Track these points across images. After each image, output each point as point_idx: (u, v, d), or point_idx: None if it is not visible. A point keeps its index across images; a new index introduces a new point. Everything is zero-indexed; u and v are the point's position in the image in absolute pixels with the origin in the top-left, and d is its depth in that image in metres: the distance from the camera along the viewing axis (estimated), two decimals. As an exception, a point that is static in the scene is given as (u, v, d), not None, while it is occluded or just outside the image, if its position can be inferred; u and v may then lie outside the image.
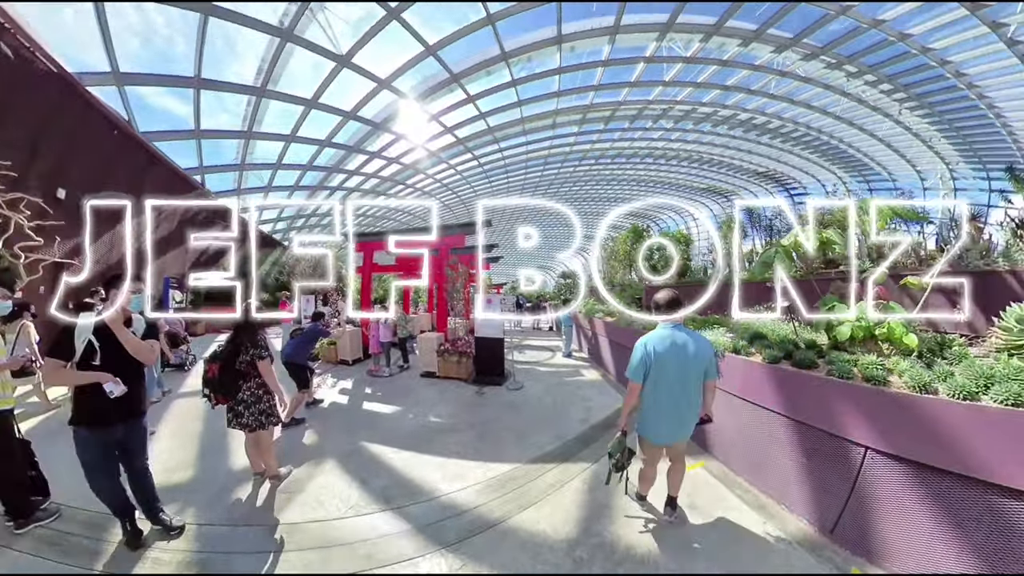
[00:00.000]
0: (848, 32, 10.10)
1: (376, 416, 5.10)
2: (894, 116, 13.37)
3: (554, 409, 5.37)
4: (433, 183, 19.42)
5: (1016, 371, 2.23)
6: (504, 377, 6.80)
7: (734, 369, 3.54)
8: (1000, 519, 1.99)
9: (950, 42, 10.16)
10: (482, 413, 5.16)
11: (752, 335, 3.79)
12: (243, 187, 13.87)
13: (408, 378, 7.08)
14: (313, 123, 11.78)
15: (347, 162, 14.66)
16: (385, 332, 7.36)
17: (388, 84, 10.37)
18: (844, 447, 2.58)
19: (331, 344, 8.16)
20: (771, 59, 11.51)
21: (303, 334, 5.04)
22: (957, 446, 2.10)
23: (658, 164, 20.61)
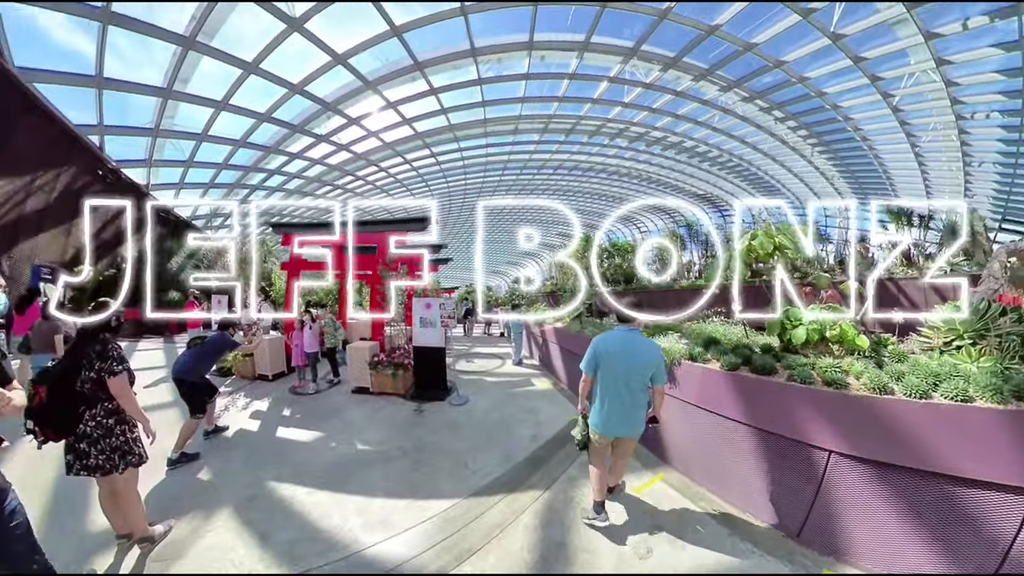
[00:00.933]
0: (780, 83, 11.48)
1: (290, 446, 4.35)
2: (807, 156, 15.53)
3: (501, 426, 4.92)
4: (386, 177, 18.27)
5: (953, 368, 2.51)
6: (447, 391, 6.18)
7: (691, 377, 3.50)
8: (954, 507, 2.18)
9: (853, 103, 12.05)
10: (419, 435, 4.58)
11: (706, 340, 3.78)
12: (156, 158, 11.75)
13: (337, 395, 6.27)
14: (252, 93, 10.28)
15: (288, 143, 13.13)
16: (311, 341, 6.36)
17: (344, 60, 9.42)
18: (807, 452, 2.66)
19: (246, 356, 6.93)
20: (716, 96, 12.65)
21: (204, 345, 4.17)
22: (914, 443, 2.25)
23: (611, 179, 21.63)
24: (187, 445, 3.85)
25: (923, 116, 12.05)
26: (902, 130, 12.60)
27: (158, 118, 10.02)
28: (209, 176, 13.58)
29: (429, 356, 6.13)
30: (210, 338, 4.29)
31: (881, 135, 13.59)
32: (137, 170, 11.86)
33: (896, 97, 11.22)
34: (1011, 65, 9.31)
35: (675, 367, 3.63)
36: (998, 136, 12.14)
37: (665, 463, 3.84)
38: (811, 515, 2.67)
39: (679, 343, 3.82)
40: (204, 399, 4.07)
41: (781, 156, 16.31)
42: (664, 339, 3.92)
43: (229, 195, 15.14)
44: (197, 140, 11.48)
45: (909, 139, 13.03)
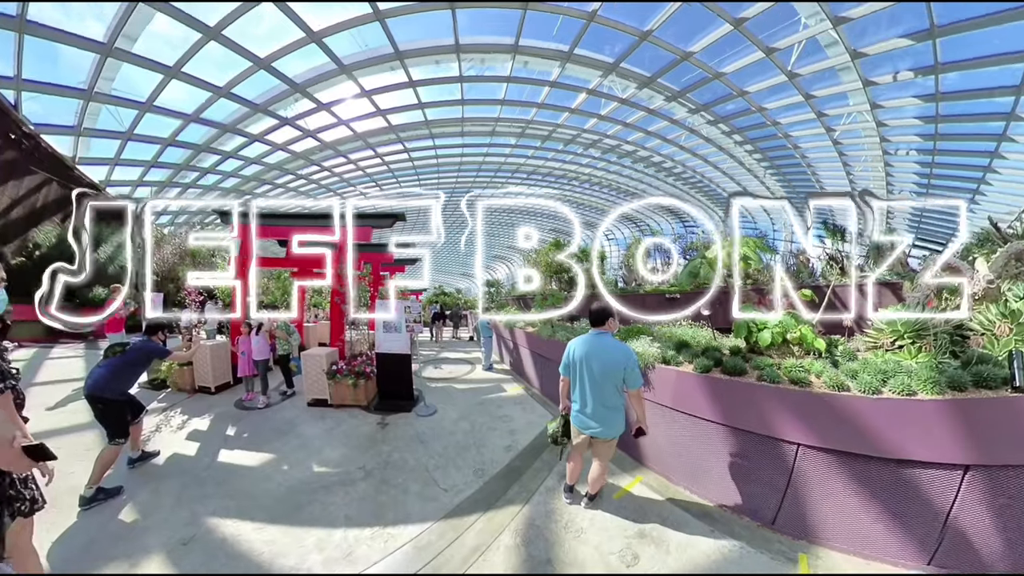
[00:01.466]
0: (741, 111, 12.44)
1: (236, 471, 3.74)
2: (760, 177, 16.99)
3: (473, 436, 4.65)
4: (354, 170, 17.42)
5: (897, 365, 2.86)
6: (414, 401, 5.79)
7: (665, 380, 3.60)
8: (904, 486, 2.51)
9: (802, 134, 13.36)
10: (384, 452, 4.21)
11: (677, 344, 3.92)
12: (88, 126, 10.29)
13: (291, 409, 5.66)
14: (210, 62, 9.30)
15: (248, 123, 12.09)
16: (260, 348, 5.70)
17: (319, 39, 8.82)
18: (778, 446, 2.90)
19: (184, 366, 6.09)
20: (685, 117, 13.45)
21: (125, 354, 3.49)
22: (870, 433, 2.55)
23: (583, 187, 22.21)
24: (105, 478, 3.21)
25: (857, 149, 13.64)
26: (839, 159, 14.17)
27: (94, 78, 8.71)
28: (152, 153, 12.12)
29: (394, 364, 5.65)
30: (133, 345, 3.54)
31: (822, 163, 15.22)
32: (63, 138, 10.27)
33: (836, 132, 12.60)
34: (927, 113, 10.82)
35: (649, 371, 3.71)
36: (914, 170, 14.06)
37: (643, 465, 3.93)
38: (783, 504, 2.91)
39: (652, 347, 3.87)
40: (126, 420, 3.43)
41: (738, 176, 17.71)
42: (636, 343, 3.97)
43: (175, 176, 13.65)
44: (140, 110, 10.18)
45: (845, 168, 14.71)
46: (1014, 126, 10.31)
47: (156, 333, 3.77)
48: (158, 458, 3.95)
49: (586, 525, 2.96)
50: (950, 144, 12.01)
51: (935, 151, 12.38)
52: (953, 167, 13.14)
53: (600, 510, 3.15)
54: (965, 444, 2.37)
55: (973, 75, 9.17)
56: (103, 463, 3.15)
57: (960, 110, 10.43)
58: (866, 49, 8.93)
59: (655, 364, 3.69)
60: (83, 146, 11.00)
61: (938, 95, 9.84)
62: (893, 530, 2.56)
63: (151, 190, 13.96)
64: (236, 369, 6.17)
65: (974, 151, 12.12)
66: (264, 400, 5.66)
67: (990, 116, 10.40)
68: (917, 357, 3.25)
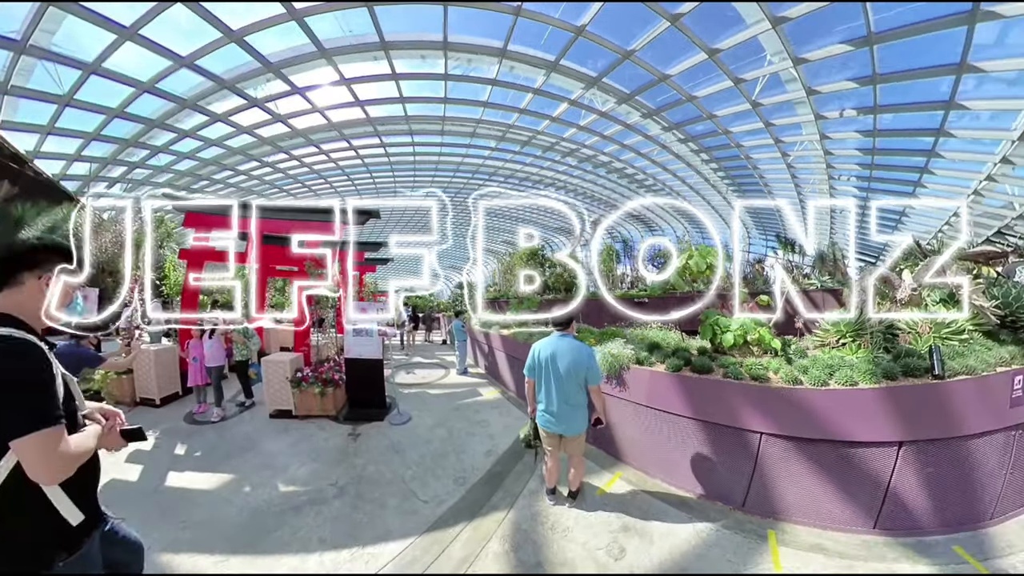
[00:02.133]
0: (710, 132, 13.35)
1: (189, 497, 3.37)
2: (723, 192, 18.30)
3: (451, 443, 4.53)
4: (325, 161, 16.65)
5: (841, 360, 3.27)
6: (386, 408, 5.49)
7: (640, 380, 3.83)
8: (851, 463, 2.89)
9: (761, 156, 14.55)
10: (357, 465, 3.96)
11: (650, 345, 4.15)
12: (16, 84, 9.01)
13: (251, 421, 5.19)
14: (173, 27, 8.44)
15: (212, 100, 11.21)
16: (214, 354, 5.18)
17: (300, 17, 8.39)
18: (743, 436, 3.20)
19: (122, 375, 5.49)
20: (658, 134, 14.19)
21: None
22: (820, 420, 2.91)
23: (558, 194, 22.68)
24: None
25: (807, 173, 15.07)
26: (792, 181, 15.60)
27: (29, 28, 7.64)
28: (94, 124, 10.86)
29: (365, 370, 5.35)
30: (57, 350, 2.92)
31: (777, 183, 16.69)
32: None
33: (791, 156, 13.86)
34: (865, 146, 12.20)
35: (624, 371, 3.92)
36: (853, 194, 15.78)
37: (621, 461, 4.09)
38: (751, 487, 3.20)
39: (625, 348, 4.02)
40: None
41: (703, 191, 18.93)
42: (611, 344, 4.13)
43: (119, 153, 12.34)
44: (84, 71, 9.07)
45: (796, 189, 16.20)
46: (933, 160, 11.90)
47: (86, 335, 3.34)
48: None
49: (572, 524, 3.02)
50: (884, 172, 13.65)
51: (871, 178, 14.01)
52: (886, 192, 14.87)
53: (584, 509, 3.23)
54: (898, 424, 2.79)
55: (904, 117, 10.50)
56: None
57: (892, 144, 11.88)
58: (820, 87, 9.94)
59: (629, 365, 3.88)
60: (9, 107, 9.65)
61: (875, 131, 11.13)
62: (844, 501, 2.91)
63: (90, 167, 12.50)
64: (186, 377, 5.47)
65: (903, 180, 13.82)
66: (219, 412, 5.14)
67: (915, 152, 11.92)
68: (857, 353, 3.66)
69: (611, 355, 3.93)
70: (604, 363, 3.90)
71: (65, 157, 11.78)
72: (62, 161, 11.84)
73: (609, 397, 3.97)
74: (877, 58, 8.46)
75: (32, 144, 10.78)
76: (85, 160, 12.18)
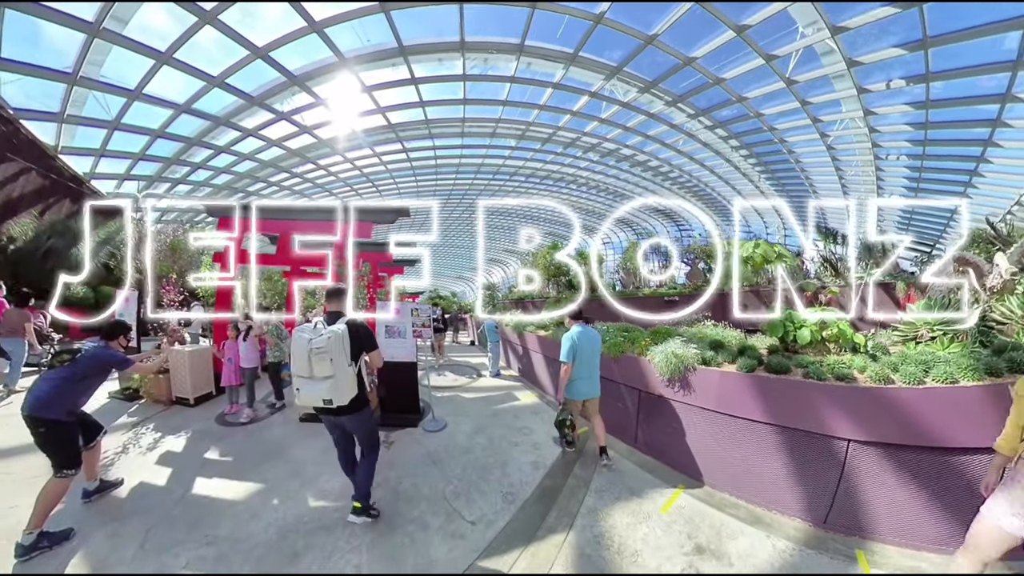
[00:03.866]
0: (739, 116, 12.69)
1: (214, 507, 3.12)
2: (755, 182, 17.35)
3: (493, 453, 4.15)
4: (350, 168, 17.14)
5: (933, 356, 2.88)
6: (420, 414, 5.23)
7: (708, 382, 3.46)
8: (951, 474, 2.48)
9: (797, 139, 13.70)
10: (391, 479, 3.57)
11: (712, 343, 3.87)
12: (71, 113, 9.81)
13: (281, 425, 4.98)
14: (203, 49, 8.96)
15: (243, 117, 11.77)
16: (248, 355, 5.13)
17: (320, 28, 8.63)
18: (828, 443, 2.84)
19: (160, 374, 5.43)
20: (684, 122, 13.66)
21: (74, 364, 2.87)
22: (916, 423, 2.53)
23: (580, 191, 22.34)
24: (51, 519, 2.67)
25: (849, 154, 14.04)
26: (832, 164, 14.57)
27: (80, 62, 8.28)
28: (140, 145, 11.66)
29: (398, 373, 5.03)
30: (84, 353, 2.92)
31: (816, 167, 15.63)
32: (45, 124, 9.77)
33: (830, 137, 12.94)
34: (917, 120, 11.20)
35: (689, 373, 3.58)
36: (903, 174, 14.55)
37: (682, 473, 3.69)
38: (835, 502, 2.84)
39: (688, 347, 3.73)
40: (77, 446, 2.87)
41: (733, 180, 18.05)
42: (671, 344, 3.86)
43: (164, 171, 13.17)
44: (128, 97, 9.76)
45: (837, 171, 15.13)
46: (1000, 131, 10.75)
47: (115, 338, 3.17)
48: (120, 489, 3.31)
49: (640, 547, 2.75)
50: (939, 149, 12.46)
51: (924, 156, 12.83)
52: (941, 171, 13.62)
53: (650, 527, 2.96)
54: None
55: (961, 84, 9.54)
56: (47, 501, 2.62)
57: (948, 116, 10.82)
58: (861, 58, 9.21)
59: (695, 366, 3.55)
60: (67, 134, 10.51)
61: (928, 102, 10.19)
62: (942, 518, 2.51)
63: (139, 184, 13.43)
64: (219, 378, 5.50)
65: (962, 155, 12.59)
66: (249, 414, 5.02)
67: (977, 122, 10.82)
68: (949, 348, 3.26)
69: (674, 355, 3.64)
70: (666, 364, 3.66)
71: (116, 176, 12.72)
72: (114, 180, 12.78)
73: (670, 402, 3.79)
74: (927, 19, 7.72)
75: (88, 166, 11.70)
76: (134, 178, 13.08)
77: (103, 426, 3.31)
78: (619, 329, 5.15)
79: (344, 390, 2.54)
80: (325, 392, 2.49)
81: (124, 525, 2.87)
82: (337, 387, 2.52)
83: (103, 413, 5.23)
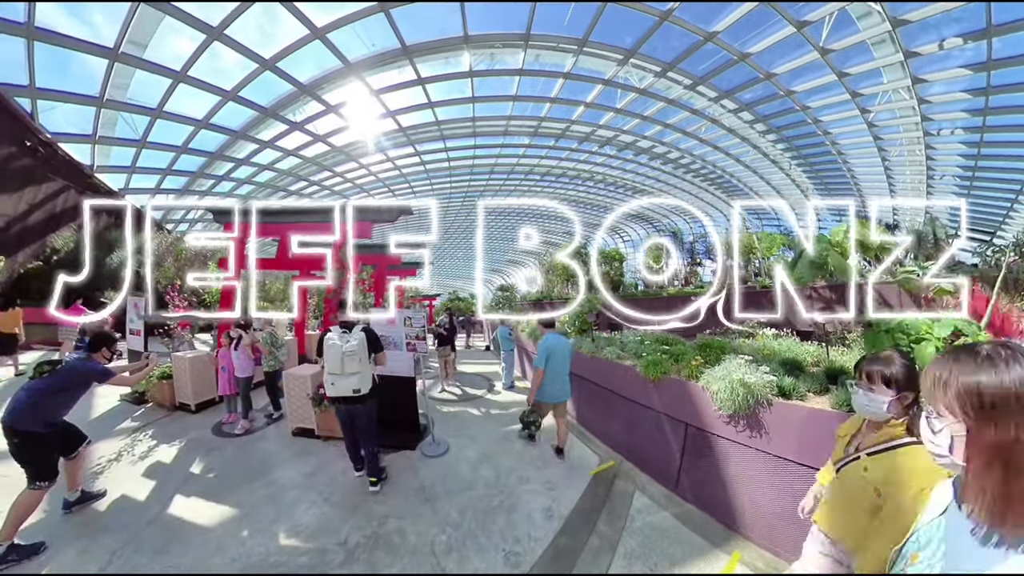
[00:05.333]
0: (767, 96, 11.78)
1: (184, 533, 2.95)
2: (785, 169, 16.13)
3: (498, 492, 3.50)
4: (366, 175, 17.36)
5: None
6: (419, 434, 4.69)
7: (787, 423, 2.63)
8: None
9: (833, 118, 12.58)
10: (375, 516, 3.15)
11: (787, 364, 3.03)
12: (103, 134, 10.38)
13: (272, 439, 4.73)
14: (214, 66, 9.24)
15: (259, 129, 12.07)
16: (242, 364, 4.91)
17: (323, 34, 8.65)
18: None
19: (162, 380, 5.51)
20: (706, 107, 12.86)
21: (56, 374, 2.86)
22: None
23: (598, 188, 21.70)
24: (23, 531, 2.64)
25: (893, 132, 12.73)
26: (874, 144, 13.27)
27: (105, 85, 8.75)
28: (167, 161, 12.19)
29: (394, 389, 4.52)
30: (65, 364, 2.92)
31: (855, 149, 14.31)
32: (81, 146, 10.37)
33: (872, 113, 11.77)
34: (976, 85, 9.94)
35: (761, 409, 2.73)
36: (959, 151, 13.02)
37: (739, 536, 2.99)
38: None
39: (759, 372, 2.83)
40: (52, 459, 2.82)
41: (761, 168, 16.89)
42: (731, 366, 3.01)
43: (191, 184, 13.73)
44: (152, 116, 10.21)
45: (880, 152, 13.76)
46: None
47: (99, 349, 3.09)
48: (101, 501, 3.24)
49: None
50: (1002, 118, 11.04)
51: (984, 127, 11.42)
52: (1006, 144, 12.09)
53: None
54: None
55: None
56: (19, 512, 2.61)
57: (1017, 78, 9.52)
58: (907, 15, 8.25)
59: (770, 399, 2.73)
60: (101, 154, 11.11)
61: (990, 62, 9.01)
62: None
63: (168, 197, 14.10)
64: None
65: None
66: (244, 425, 4.87)
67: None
68: None
69: (742, 386, 2.80)
70: (730, 396, 2.86)
71: (148, 191, 13.39)
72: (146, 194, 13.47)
73: (730, 443, 3.03)
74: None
75: (122, 182, 12.35)
76: (165, 191, 13.73)
77: (87, 436, 3.24)
78: (656, 342, 4.47)
79: (367, 382, 3.35)
80: (355, 384, 3.27)
81: (94, 542, 2.76)
82: (363, 380, 3.32)
83: (111, 416, 5.32)
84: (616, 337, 5.43)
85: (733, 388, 2.81)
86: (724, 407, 2.88)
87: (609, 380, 4.62)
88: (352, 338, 3.32)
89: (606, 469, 3.98)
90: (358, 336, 3.35)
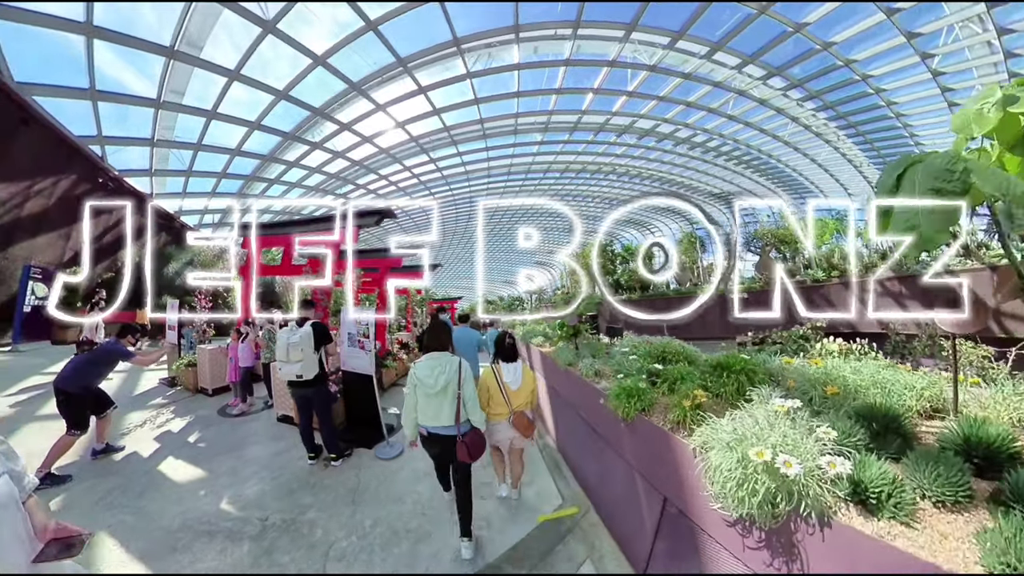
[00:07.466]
0: (802, 54, 10.44)
1: (162, 485, 3.55)
2: (833, 142, 14.16)
3: (423, 512, 3.08)
4: (387, 185, 18.08)
5: None
6: (381, 435, 4.59)
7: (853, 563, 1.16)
8: None
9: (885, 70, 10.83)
10: (301, 504, 3.21)
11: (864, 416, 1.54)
12: (159, 168, 11.98)
13: (262, 422, 5.26)
14: (239, 102, 10.44)
15: (284, 151, 13.11)
16: (245, 355, 5.77)
17: (324, 60, 9.24)
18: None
19: (190, 366, 6.64)
20: (730, 77, 11.72)
21: (92, 353, 3.98)
22: None
23: (621, 181, 20.76)
24: (58, 466, 3.53)
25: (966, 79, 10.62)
26: (942, 97, 11.16)
27: (153, 129, 10.32)
28: (211, 185, 13.71)
29: (358, 385, 4.76)
30: (100, 346, 4.09)
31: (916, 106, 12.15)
32: (142, 179, 12.17)
33: (936, 57, 9.89)
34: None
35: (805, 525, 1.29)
36: None
37: None
38: None
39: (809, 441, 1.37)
40: (85, 414, 3.77)
41: (803, 144, 15.02)
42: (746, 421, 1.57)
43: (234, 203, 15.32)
44: (194, 149, 11.62)
45: (951, 108, 11.58)
46: None
47: (125, 336, 4.14)
48: (119, 454, 4.12)
49: None
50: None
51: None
52: None
53: None
54: None
55: None
56: (55, 451, 3.47)
57: None
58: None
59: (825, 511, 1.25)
60: (159, 184, 12.79)
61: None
62: None
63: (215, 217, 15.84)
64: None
65: None
66: (241, 408, 5.61)
67: None
68: None
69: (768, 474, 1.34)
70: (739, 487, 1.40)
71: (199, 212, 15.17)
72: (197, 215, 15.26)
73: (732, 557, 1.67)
74: None
75: (177, 206, 14.09)
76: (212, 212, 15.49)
77: (115, 403, 4.21)
78: (649, 356, 3.13)
79: (310, 369, 3.71)
80: (298, 370, 3.66)
81: (103, 481, 3.55)
82: (305, 367, 3.69)
83: (149, 394, 6.54)
84: (603, 345, 4.60)
85: (747, 474, 1.37)
86: (726, 500, 1.45)
87: (581, 404, 3.52)
88: (299, 332, 3.73)
89: (562, 518, 2.97)
90: (305, 331, 3.75)
